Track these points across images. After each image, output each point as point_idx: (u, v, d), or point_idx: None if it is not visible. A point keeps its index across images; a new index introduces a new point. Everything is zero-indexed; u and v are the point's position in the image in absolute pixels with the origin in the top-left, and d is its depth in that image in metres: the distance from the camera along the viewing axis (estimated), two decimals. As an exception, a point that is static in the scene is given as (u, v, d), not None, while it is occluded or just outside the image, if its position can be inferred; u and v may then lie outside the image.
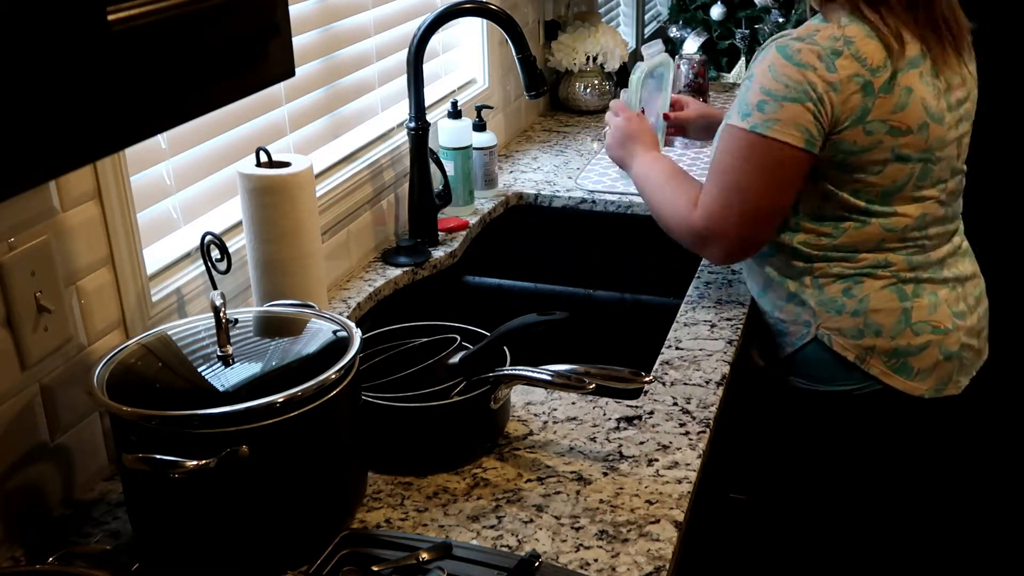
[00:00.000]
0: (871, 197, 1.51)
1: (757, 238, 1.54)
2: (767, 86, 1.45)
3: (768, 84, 1.45)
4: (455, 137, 1.95)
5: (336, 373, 1.05)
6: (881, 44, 1.44)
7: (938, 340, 1.57)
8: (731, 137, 1.49)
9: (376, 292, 1.72)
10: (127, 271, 1.25)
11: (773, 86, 1.44)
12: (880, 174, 1.49)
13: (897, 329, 1.55)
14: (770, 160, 1.46)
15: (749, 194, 1.49)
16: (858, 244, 1.54)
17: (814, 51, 1.43)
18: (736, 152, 1.48)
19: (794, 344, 1.62)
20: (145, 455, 0.98)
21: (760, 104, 1.45)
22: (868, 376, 1.57)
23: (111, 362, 1.07)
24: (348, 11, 1.77)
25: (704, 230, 1.53)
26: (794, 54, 1.44)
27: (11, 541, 1.11)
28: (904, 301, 1.56)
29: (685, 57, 2.42)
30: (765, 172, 1.47)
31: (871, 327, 1.55)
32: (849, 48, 1.43)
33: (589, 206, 2.13)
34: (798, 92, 1.43)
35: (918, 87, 1.47)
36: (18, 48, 0.59)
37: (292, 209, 1.38)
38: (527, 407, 1.37)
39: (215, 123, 1.46)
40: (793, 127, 1.43)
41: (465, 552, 1.06)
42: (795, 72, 1.43)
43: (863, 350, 1.56)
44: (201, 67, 0.75)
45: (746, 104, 1.47)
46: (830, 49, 1.43)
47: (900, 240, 1.54)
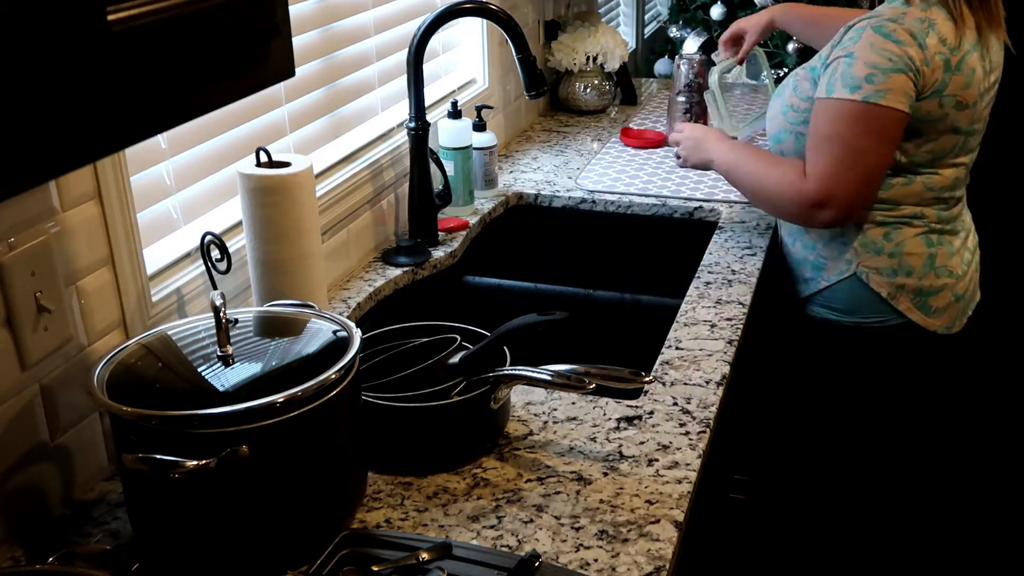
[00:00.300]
0: (922, 160, 1.71)
1: (870, 197, 1.72)
2: (872, 60, 1.61)
3: (873, 59, 1.61)
4: (455, 137, 1.95)
5: (336, 373, 1.05)
6: (954, 26, 1.64)
7: (952, 284, 1.80)
8: (839, 109, 1.64)
9: (376, 292, 1.72)
10: (127, 271, 1.25)
11: (878, 60, 1.61)
12: (936, 142, 1.69)
13: (924, 271, 1.77)
14: (884, 125, 1.63)
15: (866, 158, 1.65)
16: (900, 198, 1.74)
17: (906, 29, 1.61)
18: (848, 121, 1.63)
19: (830, 279, 1.82)
20: (145, 455, 0.98)
21: (869, 77, 1.61)
22: (893, 311, 1.78)
23: (111, 362, 1.07)
24: (348, 11, 1.77)
25: (822, 195, 1.67)
26: (891, 32, 1.61)
27: (11, 541, 1.11)
28: (931, 247, 1.78)
29: (685, 57, 2.42)
30: (880, 136, 1.64)
31: (904, 268, 1.77)
32: (933, 29, 1.62)
33: (589, 206, 2.13)
34: (901, 64, 1.60)
35: (976, 68, 1.67)
36: (18, 48, 0.59)
37: (292, 209, 1.38)
38: (527, 407, 1.37)
39: (215, 123, 1.46)
40: (901, 95, 1.61)
41: (465, 552, 1.06)
42: (895, 47, 1.60)
43: (895, 287, 1.77)
44: (201, 67, 0.75)
45: (853, 78, 1.62)
46: (919, 29, 1.62)
47: (935, 198, 1.75)
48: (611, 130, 2.58)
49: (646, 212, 2.09)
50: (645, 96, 2.91)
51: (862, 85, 1.61)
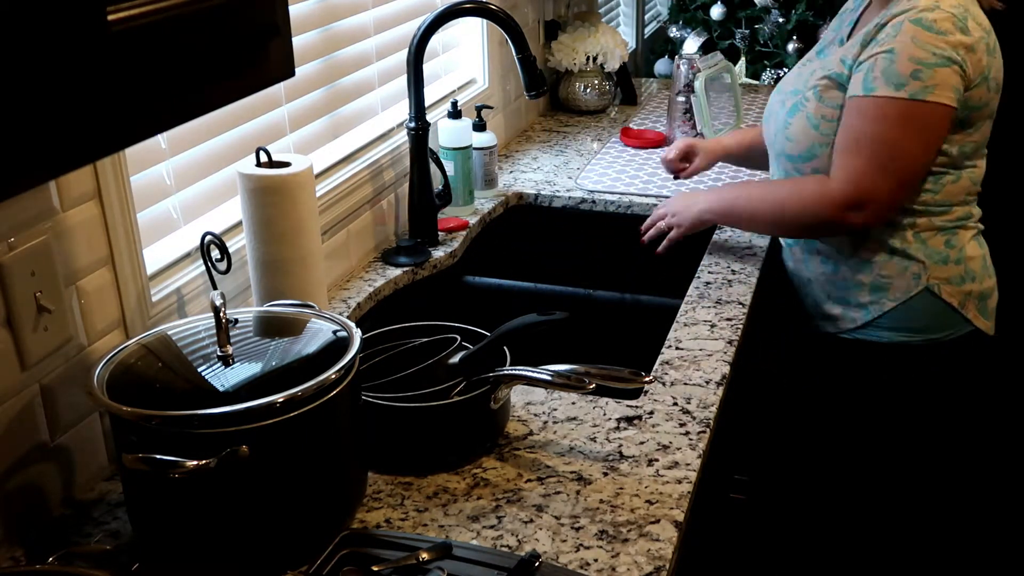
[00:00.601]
0: (969, 151, 1.65)
1: (904, 200, 1.64)
2: (916, 56, 1.52)
3: (916, 54, 1.52)
4: (455, 137, 1.95)
5: (336, 373, 1.05)
6: (982, 10, 1.60)
7: (995, 283, 1.77)
8: (882, 107, 1.55)
9: (376, 292, 1.72)
10: (127, 271, 1.25)
11: (922, 55, 1.52)
12: (980, 129, 1.64)
13: (983, 274, 1.72)
14: (929, 123, 1.56)
15: (907, 158, 1.57)
16: (951, 198, 1.67)
17: (947, 18, 1.53)
18: (892, 120, 1.55)
19: (898, 298, 1.69)
20: (145, 455, 0.98)
21: (915, 73, 1.52)
22: (963, 320, 1.70)
23: (111, 362, 1.07)
24: (348, 11, 1.77)
25: (857, 196, 1.59)
26: (932, 24, 1.53)
27: (11, 541, 1.11)
28: (982, 248, 1.74)
29: (685, 57, 2.42)
30: (924, 135, 1.56)
31: (969, 274, 1.70)
32: (969, 13, 1.56)
33: (589, 206, 2.13)
34: (946, 57, 1.52)
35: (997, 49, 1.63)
36: (18, 48, 0.59)
37: (292, 209, 1.38)
38: (527, 407, 1.37)
39: (215, 123, 1.46)
40: (949, 89, 1.53)
41: (465, 552, 1.06)
42: (938, 39, 1.52)
43: (964, 295, 1.70)
44: (201, 67, 0.75)
45: (897, 75, 1.53)
46: (959, 15, 1.54)
47: (973, 192, 1.71)
48: (611, 130, 2.58)
49: (646, 212, 2.08)
50: (645, 96, 2.91)
51: (908, 82, 1.53)
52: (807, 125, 1.68)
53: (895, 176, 1.59)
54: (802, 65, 1.83)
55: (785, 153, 1.73)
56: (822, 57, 1.76)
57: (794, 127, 1.71)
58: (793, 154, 1.72)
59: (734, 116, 2.49)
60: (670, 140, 2.42)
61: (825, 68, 1.68)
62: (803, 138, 1.69)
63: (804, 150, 1.70)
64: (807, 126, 1.68)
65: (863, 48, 1.60)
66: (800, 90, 1.72)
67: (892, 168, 1.58)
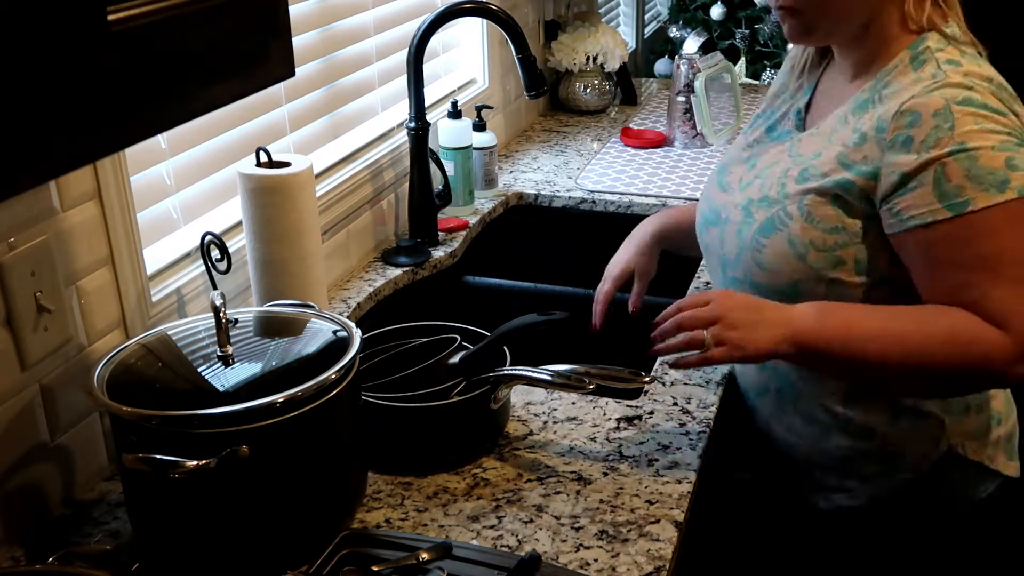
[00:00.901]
0: None
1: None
2: (996, 143, 1.14)
3: (994, 141, 1.14)
4: (455, 137, 1.95)
5: (336, 373, 1.05)
6: None
7: (1017, 415, 1.41)
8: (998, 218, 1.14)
9: (376, 292, 1.72)
10: (127, 271, 1.25)
11: (1001, 139, 1.14)
12: None
13: (1007, 412, 1.38)
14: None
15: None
16: None
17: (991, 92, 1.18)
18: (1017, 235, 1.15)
19: (918, 468, 1.33)
20: (145, 455, 0.98)
21: (1009, 162, 1.14)
22: (992, 474, 1.35)
23: (111, 362, 1.07)
24: (348, 11, 1.77)
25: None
26: (987, 102, 1.16)
27: (11, 541, 1.11)
28: None
29: (685, 57, 2.43)
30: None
31: (994, 417, 1.35)
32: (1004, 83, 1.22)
33: (589, 206, 2.13)
34: (1015, 135, 1.16)
35: None
36: (18, 48, 0.59)
37: (292, 209, 1.38)
38: (527, 407, 1.37)
39: (215, 123, 1.46)
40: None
41: (465, 552, 1.06)
42: (1003, 120, 1.16)
43: (991, 446, 1.35)
44: (201, 67, 0.75)
45: (991, 173, 1.13)
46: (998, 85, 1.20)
47: None
48: (611, 130, 2.58)
49: (646, 212, 2.08)
50: (645, 96, 2.91)
51: (1009, 178, 1.13)
52: (790, 253, 1.24)
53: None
54: (748, 146, 1.41)
55: (753, 282, 1.29)
56: (778, 139, 1.36)
57: (770, 252, 1.26)
58: (766, 285, 1.27)
59: (734, 116, 2.50)
60: (670, 140, 2.42)
61: (805, 169, 1.25)
62: (785, 269, 1.25)
63: (786, 284, 1.26)
64: (790, 254, 1.24)
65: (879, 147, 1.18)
66: (775, 199, 1.27)
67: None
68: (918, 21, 1.22)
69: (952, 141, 1.14)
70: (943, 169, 1.14)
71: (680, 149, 2.39)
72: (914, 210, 1.16)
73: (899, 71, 1.22)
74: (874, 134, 1.19)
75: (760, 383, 1.42)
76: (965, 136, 1.14)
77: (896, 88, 1.20)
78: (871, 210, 1.21)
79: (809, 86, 1.37)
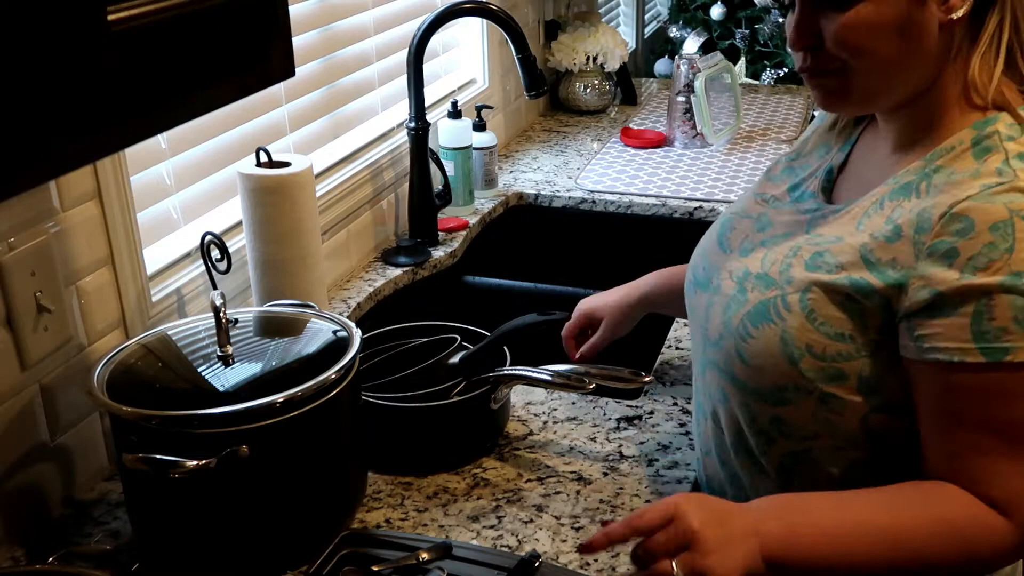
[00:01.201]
0: None
1: None
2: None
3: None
4: (455, 137, 1.95)
5: (336, 373, 1.05)
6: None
7: None
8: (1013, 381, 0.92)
9: (376, 292, 1.72)
10: (127, 271, 1.25)
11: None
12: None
13: None
14: None
15: None
16: None
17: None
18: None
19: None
20: (145, 455, 0.98)
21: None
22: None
23: (111, 362, 1.07)
24: (348, 11, 1.77)
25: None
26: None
27: (11, 541, 1.11)
28: None
29: (685, 57, 2.43)
30: None
31: None
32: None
33: (589, 206, 2.13)
34: None
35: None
36: (18, 48, 0.59)
37: (292, 209, 1.38)
38: (527, 407, 1.37)
39: (215, 123, 1.46)
40: None
41: (465, 552, 1.06)
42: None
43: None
44: (201, 67, 0.75)
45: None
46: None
47: None
48: (611, 130, 2.58)
49: (646, 212, 2.09)
50: (645, 96, 2.91)
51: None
52: (781, 353, 1.01)
53: None
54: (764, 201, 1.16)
55: (733, 374, 1.06)
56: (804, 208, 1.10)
57: (757, 346, 1.02)
58: (746, 383, 1.05)
59: (734, 116, 2.50)
60: (670, 140, 2.42)
61: (820, 254, 1.01)
62: (771, 371, 1.02)
63: (770, 388, 1.03)
64: (781, 355, 1.01)
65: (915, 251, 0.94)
66: (776, 281, 1.03)
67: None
68: (983, 94, 0.98)
69: (1008, 268, 0.90)
70: (988, 301, 0.91)
71: (680, 149, 2.39)
72: (940, 341, 0.93)
73: (956, 155, 0.97)
74: (912, 233, 0.95)
75: None
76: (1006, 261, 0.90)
77: (950, 178, 0.96)
78: (889, 322, 0.97)
79: (847, 144, 1.13)
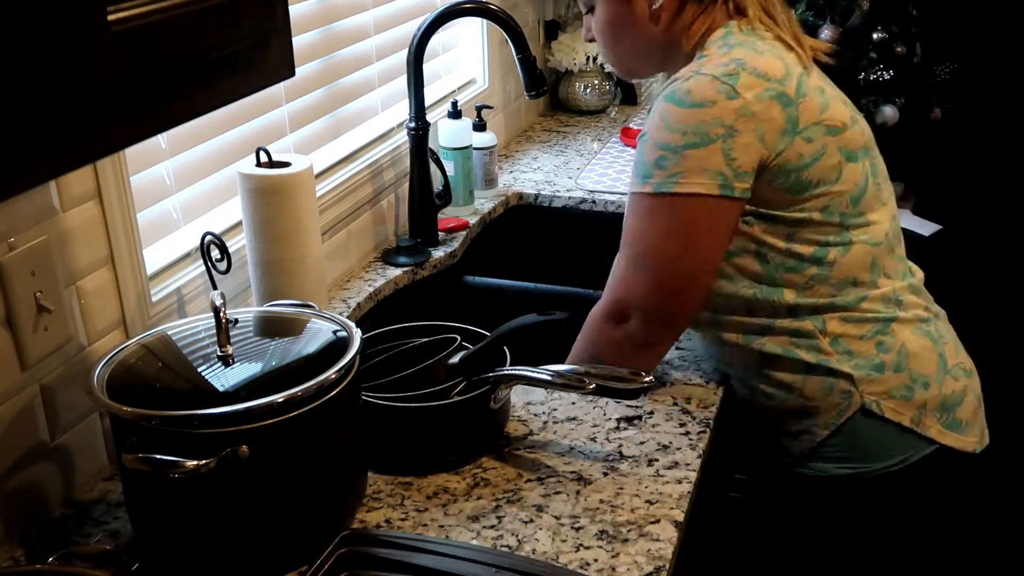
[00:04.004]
0: (842, 209, 1.33)
1: (680, 309, 1.35)
2: (663, 140, 1.28)
3: (664, 138, 1.28)
4: (455, 137, 1.95)
5: (336, 373, 1.05)
6: (774, 58, 1.30)
7: (970, 384, 1.43)
8: (634, 204, 1.33)
9: (376, 292, 1.72)
10: (127, 271, 1.25)
11: (669, 138, 1.27)
12: (840, 179, 1.32)
13: (939, 376, 1.38)
14: (681, 219, 1.30)
15: (662, 260, 1.32)
16: (856, 276, 1.34)
17: (707, 84, 1.27)
18: (642, 217, 1.32)
19: (830, 424, 1.37)
20: (145, 455, 0.98)
21: (659, 161, 1.28)
22: (921, 439, 1.36)
23: (111, 362, 1.07)
24: (348, 11, 1.77)
25: (615, 303, 1.35)
26: (686, 96, 1.27)
27: (11, 541, 1.11)
28: (935, 344, 1.39)
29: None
30: (676, 234, 1.31)
31: (918, 380, 1.36)
32: (744, 68, 1.27)
33: (589, 206, 2.13)
34: (701, 135, 1.26)
35: (827, 87, 1.35)
36: (18, 48, 0.59)
37: (292, 209, 1.38)
38: (527, 407, 1.37)
39: (215, 123, 1.46)
40: (702, 175, 1.26)
41: (465, 552, 1.06)
42: (692, 115, 1.26)
43: (917, 409, 1.36)
44: (201, 67, 0.75)
45: (642, 165, 1.30)
46: (724, 74, 1.27)
47: (886, 264, 1.37)
48: (611, 130, 2.58)
49: (646, 212, 2.09)
50: (645, 96, 2.91)
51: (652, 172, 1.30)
52: None
53: (654, 280, 1.32)
54: None
55: None
56: None
57: None
58: None
59: None
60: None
61: None
62: None
63: None
64: None
65: None
66: None
67: (650, 270, 1.32)
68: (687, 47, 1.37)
69: (644, 131, 1.32)
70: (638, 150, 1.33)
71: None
72: None
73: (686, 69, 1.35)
74: None
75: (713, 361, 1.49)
76: (650, 127, 1.31)
77: None
78: None
79: None
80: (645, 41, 1.41)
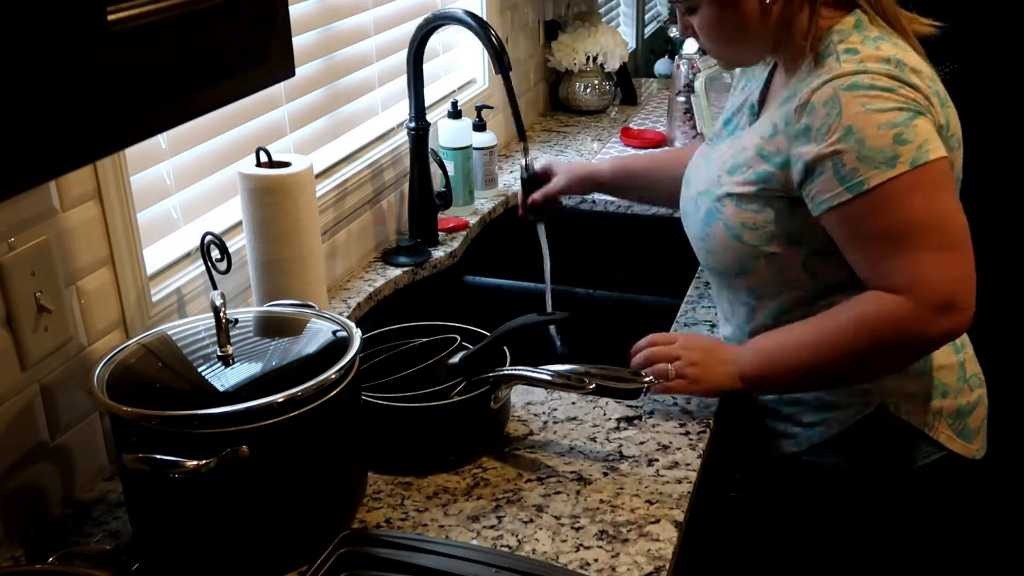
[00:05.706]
0: None
1: None
2: (885, 120, 1.19)
3: (883, 119, 1.19)
4: (455, 137, 1.95)
5: (336, 373, 1.05)
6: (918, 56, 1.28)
7: (982, 394, 1.43)
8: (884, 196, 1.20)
9: (376, 292, 1.72)
10: (127, 271, 1.25)
11: (891, 117, 1.19)
12: None
13: (959, 387, 1.39)
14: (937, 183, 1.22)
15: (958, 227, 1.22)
16: None
17: (884, 73, 1.22)
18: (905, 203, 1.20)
19: (846, 421, 1.37)
20: (145, 455, 0.98)
21: (898, 138, 1.19)
22: (930, 443, 1.37)
23: (111, 362, 1.07)
24: (348, 11, 1.77)
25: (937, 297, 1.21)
26: (873, 83, 1.21)
27: (11, 541, 1.11)
28: (958, 354, 1.39)
29: (685, 57, 2.42)
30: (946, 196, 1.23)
31: (937, 387, 1.37)
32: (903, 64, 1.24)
33: (589, 206, 2.13)
34: (911, 109, 1.21)
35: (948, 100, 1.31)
36: (18, 48, 0.59)
37: (292, 209, 1.38)
38: (527, 407, 1.37)
39: (215, 123, 1.46)
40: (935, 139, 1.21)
41: (465, 552, 1.06)
42: (890, 96, 1.21)
43: (932, 415, 1.37)
44: (201, 67, 0.75)
45: (878, 151, 1.19)
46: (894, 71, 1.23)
47: None
48: (611, 130, 2.58)
49: (646, 212, 2.09)
50: (645, 96, 2.91)
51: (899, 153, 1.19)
52: (727, 236, 1.35)
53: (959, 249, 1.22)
54: (710, 141, 1.51)
55: (711, 266, 1.43)
56: (731, 134, 1.44)
57: (713, 238, 1.37)
58: (721, 269, 1.40)
59: None
60: (670, 140, 2.42)
61: (736, 156, 1.36)
62: (727, 251, 1.36)
63: (732, 264, 1.37)
64: (727, 237, 1.35)
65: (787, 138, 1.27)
66: (713, 191, 1.37)
67: (949, 242, 1.21)
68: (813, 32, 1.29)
69: (840, 127, 1.20)
70: (838, 156, 1.21)
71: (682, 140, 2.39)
72: (823, 195, 1.23)
73: (809, 68, 1.29)
74: (783, 126, 1.28)
75: None
76: (852, 119, 1.20)
77: (804, 84, 1.27)
78: (795, 192, 1.28)
79: (763, 79, 1.43)
80: (756, 36, 1.32)
